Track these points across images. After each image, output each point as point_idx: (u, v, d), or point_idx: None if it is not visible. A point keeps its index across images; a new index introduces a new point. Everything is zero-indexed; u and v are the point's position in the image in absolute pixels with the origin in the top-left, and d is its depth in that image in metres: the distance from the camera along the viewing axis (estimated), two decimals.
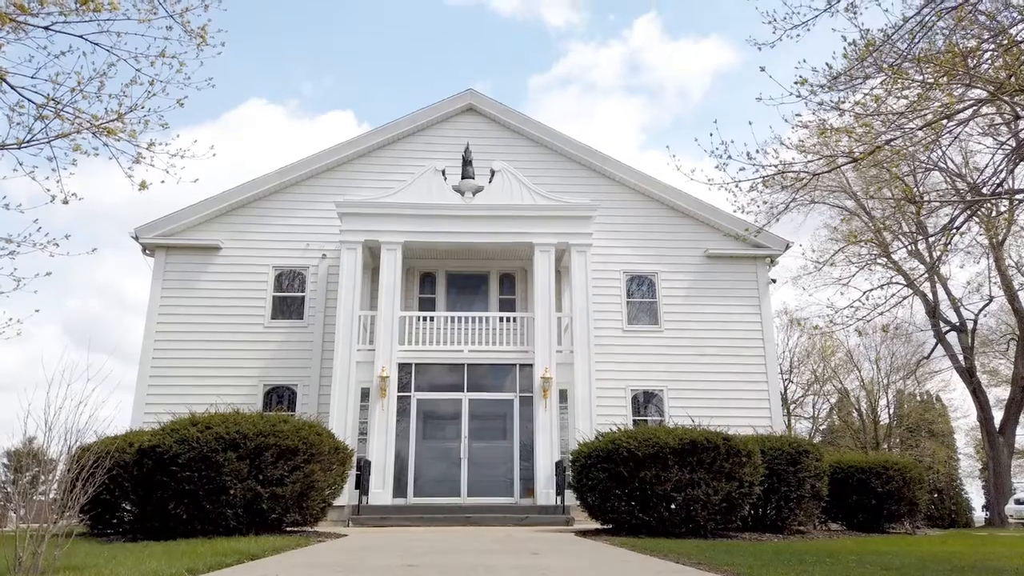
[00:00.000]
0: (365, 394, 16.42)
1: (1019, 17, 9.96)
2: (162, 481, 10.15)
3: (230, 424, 10.47)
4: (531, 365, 16.73)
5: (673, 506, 11.13)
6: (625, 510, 11.30)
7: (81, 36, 8.35)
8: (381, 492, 15.49)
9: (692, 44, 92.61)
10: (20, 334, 9.67)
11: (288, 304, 18.79)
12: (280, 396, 18.01)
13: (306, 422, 11.53)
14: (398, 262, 17.20)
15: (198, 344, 17.97)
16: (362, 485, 15.18)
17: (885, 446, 38.96)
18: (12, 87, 8.30)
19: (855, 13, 10.00)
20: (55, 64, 8.43)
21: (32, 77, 8.30)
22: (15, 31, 8.07)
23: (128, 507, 11.87)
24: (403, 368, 16.75)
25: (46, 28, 8.15)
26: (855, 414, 42.28)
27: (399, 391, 16.55)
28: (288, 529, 10.91)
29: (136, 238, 18.46)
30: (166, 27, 8.73)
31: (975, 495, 43.32)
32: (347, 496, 14.43)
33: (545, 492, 15.60)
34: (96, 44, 8.42)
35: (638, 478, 11.12)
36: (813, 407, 44.17)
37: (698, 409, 16.06)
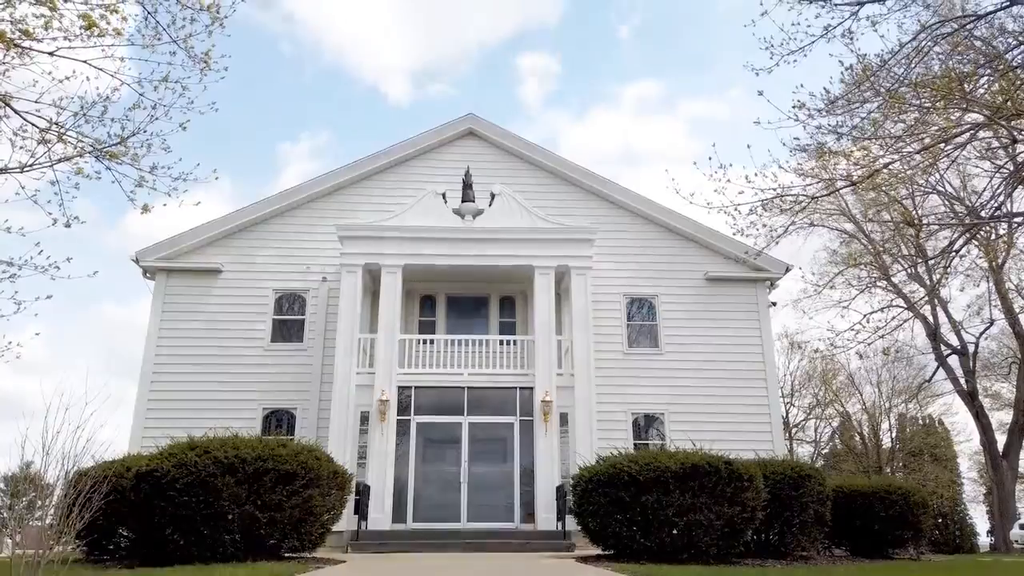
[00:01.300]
0: (364, 418, 16.33)
1: (1014, 43, 10.07)
2: (159, 506, 10.06)
3: (228, 448, 10.39)
4: (531, 388, 16.66)
5: (675, 531, 11.02)
6: (627, 535, 11.19)
7: (85, 61, 8.42)
8: (380, 517, 15.34)
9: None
10: (20, 357, 9.61)
11: (288, 327, 18.76)
12: (279, 420, 17.92)
13: (305, 446, 11.46)
14: (398, 285, 17.20)
15: (197, 367, 17.91)
16: (361, 510, 15.04)
17: (888, 470, 38.67)
18: (16, 111, 8.35)
19: (851, 39, 10.12)
20: (59, 88, 8.50)
21: (36, 102, 8.35)
22: (20, 56, 8.14)
23: (125, 533, 11.74)
24: (403, 391, 16.68)
25: (51, 54, 8.22)
26: (857, 438, 42.05)
27: (399, 414, 16.46)
28: (286, 555, 10.79)
29: (137, 261, 18.48)
30: (170, 52, 8.81)
31: (979, 520, 42.90)
32: (346, 521, 14.28)
33: (546, 517, 15.45)
34: (100, 69, 8.49)
35: (639, 503, 11.02)
36: (815, 431, 43.96)
37: (699, 433, 15.93)
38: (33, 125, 8.42)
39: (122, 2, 8.19)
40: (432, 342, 17.39)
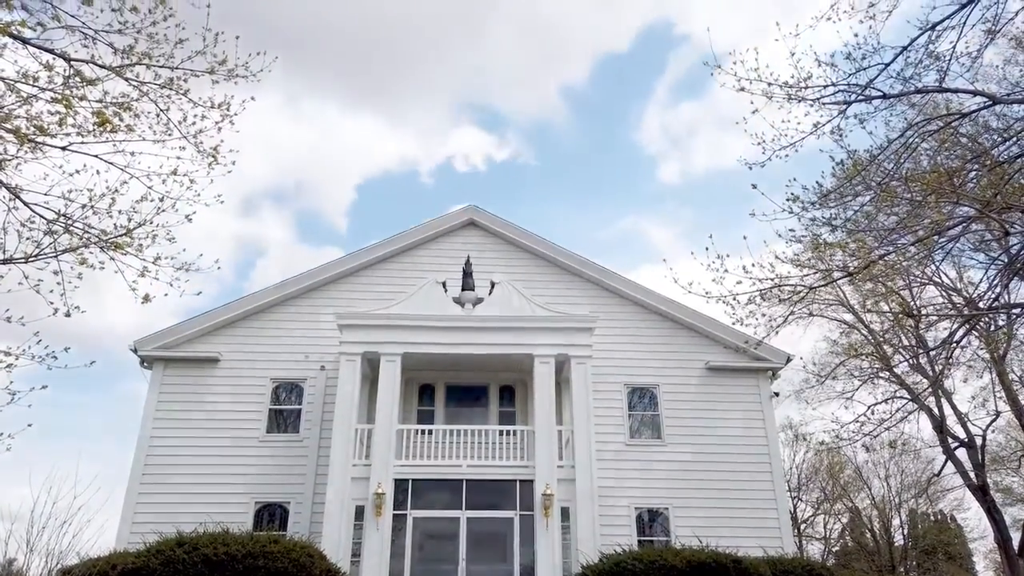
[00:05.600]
0: (360, 512, 15.86)
1: (999, 139, 10.39)
2: None
3: (218, 544, 10.08)
4: (532, 481, 16.25)
5: None
6: None
7: (97, 156, 8.66)
8: None
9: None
10: (10, 449, 9.42)
11: (284, 417, 18.50)
12: (272, 514, 17.40)
13: (297, 542, 11.13)
14: (397, 374, 17.07)
15: (190, 459, 17.53)
16: None
17: (901, 569, 37.30)
18: (25, 203, 8.52)
19: (841, 136, 10.47)
20: (68, 182, 8.70)
21: (45, 195, 8.54)
22: (33, 151, 8.37)
23: None
24: (399, 484, 16.26)
25: (63, 148, 8.46)
26: (868, 535, 40.74)
27: (395, 508, 15.99)
28: None
29: (135, 351, 18.41)
30: (179, 147, 9.08)
31: None
32: None
33: None
34: (110, 163, 8.73)
35: None
36: (824, 527, 42.64)
37: (705, 528, 15.47)
38: (41, 217, 8.58)
39: (135, 100, 8.50)
40: (430, 432, 17.10)
